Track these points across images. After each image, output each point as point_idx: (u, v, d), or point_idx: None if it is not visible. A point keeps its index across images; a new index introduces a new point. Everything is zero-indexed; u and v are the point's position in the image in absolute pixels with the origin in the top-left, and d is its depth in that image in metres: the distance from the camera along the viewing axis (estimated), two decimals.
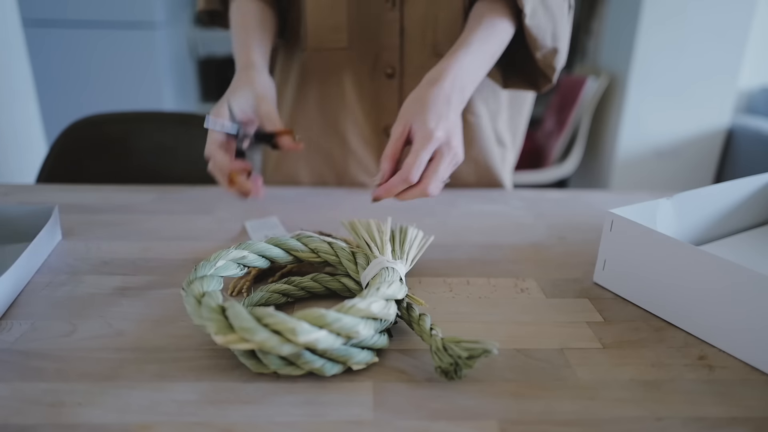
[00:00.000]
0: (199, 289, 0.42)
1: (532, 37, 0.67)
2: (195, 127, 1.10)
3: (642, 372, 0.42)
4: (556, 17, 0.68)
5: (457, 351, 0.38)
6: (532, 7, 0.65)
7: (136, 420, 0.35)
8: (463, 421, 0.36)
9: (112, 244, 0.61)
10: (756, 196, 0.66)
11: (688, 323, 0.48)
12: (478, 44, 0.62)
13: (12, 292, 0.49)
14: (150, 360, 0.41)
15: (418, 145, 0.54)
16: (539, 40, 0.68)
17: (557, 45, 0.70)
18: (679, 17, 2.15)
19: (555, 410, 0.38)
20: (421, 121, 0.55)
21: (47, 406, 0.36)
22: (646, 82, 2.25)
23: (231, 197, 0.77)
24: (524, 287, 0.55)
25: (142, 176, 1.02)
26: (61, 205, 0.70)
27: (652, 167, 2.37)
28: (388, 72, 0.76)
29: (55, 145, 1.03)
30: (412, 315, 0.44)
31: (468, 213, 0.74)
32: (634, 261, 0.51)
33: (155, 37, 2.21)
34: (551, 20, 0.68)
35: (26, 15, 1.84)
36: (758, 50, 2.35)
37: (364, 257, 0.50)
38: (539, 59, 0.70)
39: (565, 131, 2.40)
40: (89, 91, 2.25)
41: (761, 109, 2.38)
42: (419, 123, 0.55)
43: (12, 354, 0.41)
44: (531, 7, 0.64)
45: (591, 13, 2.70)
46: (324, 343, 0.38)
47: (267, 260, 0.51)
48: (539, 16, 0.66)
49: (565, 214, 0.76)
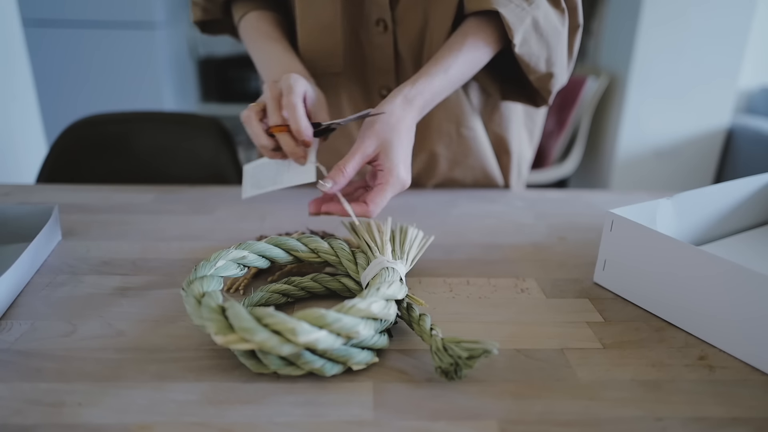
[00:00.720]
0: (199, 289, 0.42)
1: (525, 62, 0.67)
2: (195, 127, 1.10)
3: (642, 372, 0.42)
4: (551, 43, 0.67)
5: (457, 351, 0.38)
6: (523, 35, 0.63)
7: (136, 420, 0.35)
8: (463, 421, 0.36)
9: (112, 244, 0.61)
10: (756, 196, 0.66)
11: (688, 323, 0.47)
12: (456, 69, 0.62)
13: (12, 292, 0.49)
14: (150, 360, 0.41)
15: (389, 189, 0.54)
16: (532, 65, 0.67)
17: (552, 70, 0.69)
18: (679, 17, 2.15)
19: (555, 410, 0.38)
20: (393, 163, 0.54)
21: (47, 406, 0.36)
22: (646, 82, 2.25)
23: (231, 197, 0.77)
24: (524, 287, 0.55)
25: (142, 176, 1.02)
26: (61, 205, 0.70)
27: (652, 167, 2.37)
28: (383, 94, 0.75)
29: (55, 145, 1.03)
30: (412, 315, 0.44)
31: (468, 213, 0.74)
32: (634, 261, 0.51)
33: (155, 37, 2.21)
34: (545, 47, 0.67)
35: (26, 15, 1.84)
36: (758, 50, 2.35)
37: (364, 257, 0.50)
38: (533, 81, 0.70)
39: (565, 131, 2.40)
40: (89, 91, 2.25)
41: (761, 109, 2.38)
42: (391, 163, 0.54)
43: (12, 354, 0.41)
44: (522, 36, 0.63)
45: (591, 13, 2.70)
46: (324, 343, 0.38)
47: (267, 260, 0.51)
48: (531, 44, 0.65)
49: (565, 214, 0.76)
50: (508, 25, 0.62)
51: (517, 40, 0.63)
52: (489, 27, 0.65)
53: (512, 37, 0.63)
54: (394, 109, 0.56)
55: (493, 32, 0.65)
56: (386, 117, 0.56)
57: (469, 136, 0.80)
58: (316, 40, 0.71)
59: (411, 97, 0.58)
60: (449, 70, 0.62)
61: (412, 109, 0.58)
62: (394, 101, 0.57)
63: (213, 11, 0.77)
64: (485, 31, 0.65)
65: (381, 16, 0.69)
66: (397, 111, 0.56)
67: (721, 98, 2.27)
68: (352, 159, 0.53)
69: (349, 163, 0.53)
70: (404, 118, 0.57)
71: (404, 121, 0.57)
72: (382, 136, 0.54)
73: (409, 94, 0.58)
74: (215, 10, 0.77)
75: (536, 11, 0.64)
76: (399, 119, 0.56)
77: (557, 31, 0.68)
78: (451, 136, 0.79)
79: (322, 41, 0.71)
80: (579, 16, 0.70)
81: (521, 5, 0.63)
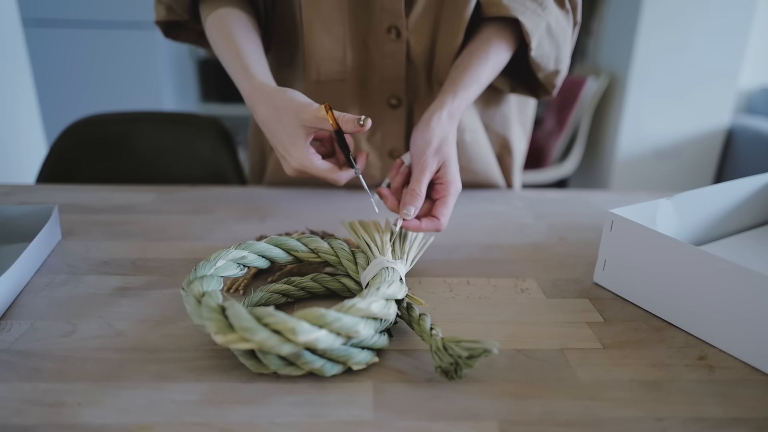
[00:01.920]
0: (199, 289, 0.42)
1: (536, 63, 0.69)
2: (195, 127, 1.10)
3: (642, 372, 0.42)
4: (560, 43, 0.70)
5: (457, 351, 0.38)
6: (538, 40, 0.66)
7: (136, 420, 0.35)
8: (463, 422, 0.36)
9: (111, 244, 0.61)
10: (756, 196, 0.66)
11: (688, 323, 0.47)
12: (486, 76, 0.65)
13: (12, 292, 0.49)
14: (150, 360, 0.41)
15: (452, 198, 0.56)
16: (542, 65, 0.70)
17: (559, 67, 0.72)
18: (679, 17, 2.15)
19: (555, 410, 0.37)
20: (452, 175, 0.56)
21: (47, 406, 0.36)
22: (646, 82, 2.25)
23: (231, 197, 0.77)
24: (524, 287, 0.55)
25: (142, 176, 1.02)
26: (61, 205, 0.70)
27: (652, 167, 2.37)
28: (392, 103, 0.75)
29: (55, 145, 1.03)
30: (412, 315, 0.44)
31: (468, 213, 0.74)
32: (634, 261, 0.51)
33: (155, 37, 2.21)
34: (555, 47, 0.70)
35: (26, 15, 1.83)
36: (758, 50, 2.35)
37: (364, 257, 0.50)
38: (540, 77, 0.73)
39: (565, 131, 2.41)
40: (89, 91, 2.25)
41: (761, 109, 2.38)
42: (451, 176, 0.56)
43: (12, 354, 0.41)
44: (537, 40, 0.66)
45: (591, 13, 2.70)
46: (324, 342, 0.38)
47: (267, 260, 0.51)
48: (544, 47, 0.68)
49: (565, 214, 0.76)
50: (526, 31, 0.65)
51: (534, 45, 0.66)
52: (507, 32, 0.67)
53: (530, 43, 0.65)
54: (442, 124, 0.58)
55: (511, 36, 0.67)
56: (444, 135, 0.57)
57: (473, 141, 0.80)
58: (323, 47, 0.70)
59: (453, 111, 0.60)
60: (481, 79, 0.64)
61: (455, 122, 0.60)
62: (440, 117, 0.58)
63: (178, 11, 0.70)
64: (505, 37, 0.67)
65: (393, 24, 0.69)
66: (446, 125, 0.58)
67: (721, 98, 2.27)
68: (423, 179, 0.55)
69: (421, 184, 0.55)
70: (452, 131, 0.59)
71: (452, 133, 0.59)
72: (443, 153, 0.56)
73: (452, 108, 0.60)
74: (180, 9, 0.70)
75: (549, 16, 0.67)
76: (448, 132, 0.58)
77: (565, 31, 0.70)
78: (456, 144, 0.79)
79: (330, 48, 0.70)
80: (579, 14, 0.72)
81: (536, 11, 0.65)
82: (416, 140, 0.57)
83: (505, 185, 0.87)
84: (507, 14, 0.64)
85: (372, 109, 0.76)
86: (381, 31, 0.70)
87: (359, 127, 0.53)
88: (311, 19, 0.68)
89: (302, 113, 0.54)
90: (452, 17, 0.67)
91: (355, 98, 0.75)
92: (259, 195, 0.79)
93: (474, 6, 0.66)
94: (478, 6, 0.67)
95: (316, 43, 0.70)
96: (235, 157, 1.09)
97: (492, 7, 0.65)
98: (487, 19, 0.68)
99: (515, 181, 0.89)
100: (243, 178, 1.08)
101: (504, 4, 0.64)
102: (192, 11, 0.71)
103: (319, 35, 0.69)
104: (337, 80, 0.73)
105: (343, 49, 0.71)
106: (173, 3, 0.70)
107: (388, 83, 0.74)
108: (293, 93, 0.56)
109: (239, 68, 0.61)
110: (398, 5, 0.67)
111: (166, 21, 0.73)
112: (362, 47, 0.72)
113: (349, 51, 0.71)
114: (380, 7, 0.68)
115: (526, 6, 0.65)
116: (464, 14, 0.66)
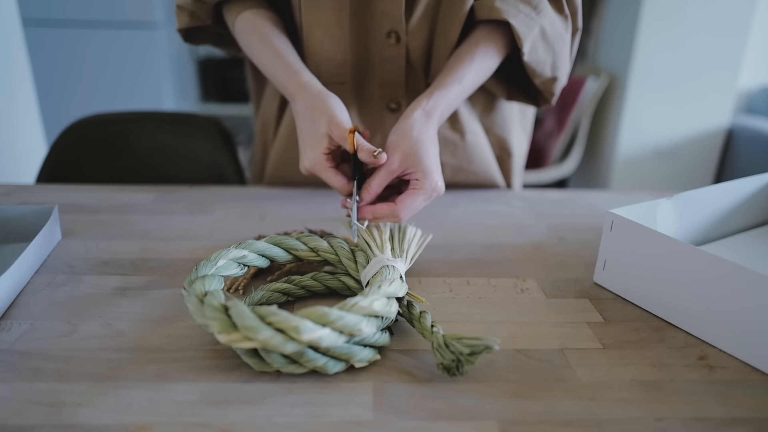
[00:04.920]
0: (201, 289, 0.42)
1: (531, 68, 0.68)
2: (194, 127, 1.10)
3: (642, 372, 0.42)
4: (556, 49, 0.69)
5: (458, 347, 0.38)
6: (531, 43, 0.65)
7: (136, 420, 0.35)
8: (463, 421, 0.36)
9: (111, 244, 0.61)
10: (756, 196, 0.66)
11: (688, 323, 0.47)
12: (469, 78, 0.64)
13: (12, 292, 0.49)
14: (149, 360, 0.41)
15: (421, 192, 0.54)
16: (538, 71, 0.69)
17: (557, 74, 0.71)
18: (679, 17, 2.15)
19: (555, 410, 0.37)
20: (426, 171, 0.55)
21: (47, 406, 0.36)
22: (646, 82, 2.25)
23: (231, 197, 0.77)
24: (524, 287, 0.55)
25: (142, 176, 1.02)
26: (61, 205, 0.70)
27: (652, 167, 2.37)
28: (392, 107, 0.75)
29: (55, 145, 1.03)
30: (412, 312, 0.44)
31: (468, 213, 0.74)
32: (634, 261, 0.51)
33: (155, 37, 2.21)
34: (551, 53, 0.68)
35: (26, 15, 1.83)
36: (758, 50, 2.35)
37: (363, 256, 0.50)
38: (538, 85, 0.72)
39: (564, 131, 2.40)
40: (89, 91, 2.25)
41: (761, 109, 2.38)
42: (424, 171, 0.55)
43: (12, 354, 0.41)
44: (530, 44, 0.65)
45: (591, 13, 2.70)
46: (327, 340, 0.38)
47: (267, 259, 0.51)
48: (538, 51, 0.67)
49: (565, 214, 0.76)
50: (518, 35, 0.64)
51: (526, 49, 0.65)
52: (498, 35, 0.66)
53: (522, 47, 0.64)
54: (414, 122, 0.57)
55: (502, 40, 0.66)
56: (407, 131, 0.56)
57: (473, 142, 0.80)
58: (323, 49, 0.70)
59: (429, 110, 0.59)
60: (463, 80, 0.63)
61: (431, 121, 0.59)
62: (413, 115, 0.58)
63: (201, 16, 0.72)
64: (495, 40, 0.66)
65: (393, 28, 0.69)
66: (418, 124, 0.57)
67: (721, 98, 2.27)
68: (378, 176, 0.55)
69: (374, 180, 0.54)
70: (426, 130, 0.57)
71: (426, 132, 0.57)
72: (405, 150, 0.55)
73: (426, 106, 0.59)
74: (204, 15, 0.71)
75: (543, 20, 0.66)
76: (420, 131, 0.57)
77: (562, 37, 0.69)
78: (456, 144, 0.79)
79: (330, 50, 0.70)
80: (579, 20, 0.71)
81: (530, 15, 0.65)
82: (389, 139, 0.57)
83: (505, 186, 0.87)
84: (498, 17, 0.64)
85: (372, 112, 0.76)
86: (381, 36, 0.70)
87: (373, 159, 0.53)
88: (311, 21, 0.68)
89: (334, 127, 0.55)
90: (448, 20, 0.67)
91: (354, 101, 0.75)
92: (258, 195, 0.79)
93: (469, 10, 0.66)
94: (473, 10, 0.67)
95: (316, 45, 0.70)
96: (235, 157, 1.09)
97: (484, 10, 0.65)
98: (480, 23, 0.67)
99: (515, 182, 0.89)
100: (243, 178, 1.08)
101: (496, 7, 0.64)
102: (215, 15, 0.72)
103: (319, 37, 0.69)
104: (337, 83, 0.73)
105: (343, 52, 0.71)
106: (196, 9, 0.71)
107: (387, 87, 0.74)
108: (335, 102, 0.58)
109: (281, 67, 0.64)
110: (398, 10, 0.67)
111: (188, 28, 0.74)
112: (362, 51, 0.72)
113: (349, 54, 0.71)
114: (380, 12, 0.68)
115: (519, 9, 0.64)
116: (459, 16, 0.66)
